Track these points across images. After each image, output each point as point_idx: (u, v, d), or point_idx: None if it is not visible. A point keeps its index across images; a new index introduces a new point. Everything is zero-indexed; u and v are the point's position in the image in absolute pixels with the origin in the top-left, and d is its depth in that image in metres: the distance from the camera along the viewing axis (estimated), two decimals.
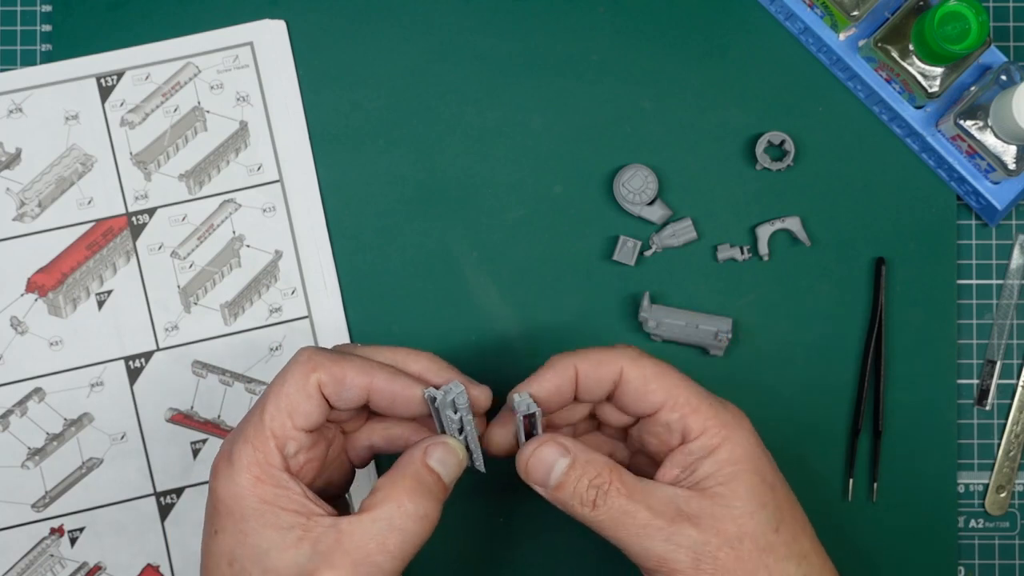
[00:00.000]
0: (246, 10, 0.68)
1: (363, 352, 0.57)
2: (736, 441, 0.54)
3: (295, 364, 0.55)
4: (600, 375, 0.56)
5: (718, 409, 0.55)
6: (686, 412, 0.55)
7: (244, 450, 0.53)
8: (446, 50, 0.68)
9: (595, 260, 0.68)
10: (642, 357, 0.56)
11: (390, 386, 0.55)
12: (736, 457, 0.54)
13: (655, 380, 0.55)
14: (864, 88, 0.67)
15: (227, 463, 0.53)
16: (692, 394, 0.55)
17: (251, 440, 0.53)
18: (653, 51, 0.68)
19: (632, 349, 0.56)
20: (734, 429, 0.55)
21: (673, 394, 0.55)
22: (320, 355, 0.55)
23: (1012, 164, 0.64)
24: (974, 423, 0.69)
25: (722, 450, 0.54)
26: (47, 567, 0.66)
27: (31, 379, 0.66)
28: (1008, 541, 0.69)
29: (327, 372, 0.54)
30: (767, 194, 0.68)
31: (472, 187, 0.68)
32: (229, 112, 0.68)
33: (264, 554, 0.52)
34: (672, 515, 0.53)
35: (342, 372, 0.55)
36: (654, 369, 0.55)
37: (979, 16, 0.61)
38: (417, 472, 0.54)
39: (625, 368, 0.55)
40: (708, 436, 0.54)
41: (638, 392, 0.55)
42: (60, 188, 0.67)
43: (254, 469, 0.53)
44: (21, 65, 0.68)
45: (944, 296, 0.68)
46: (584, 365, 0.56)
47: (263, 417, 0.54)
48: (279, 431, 0.53)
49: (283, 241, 0.67)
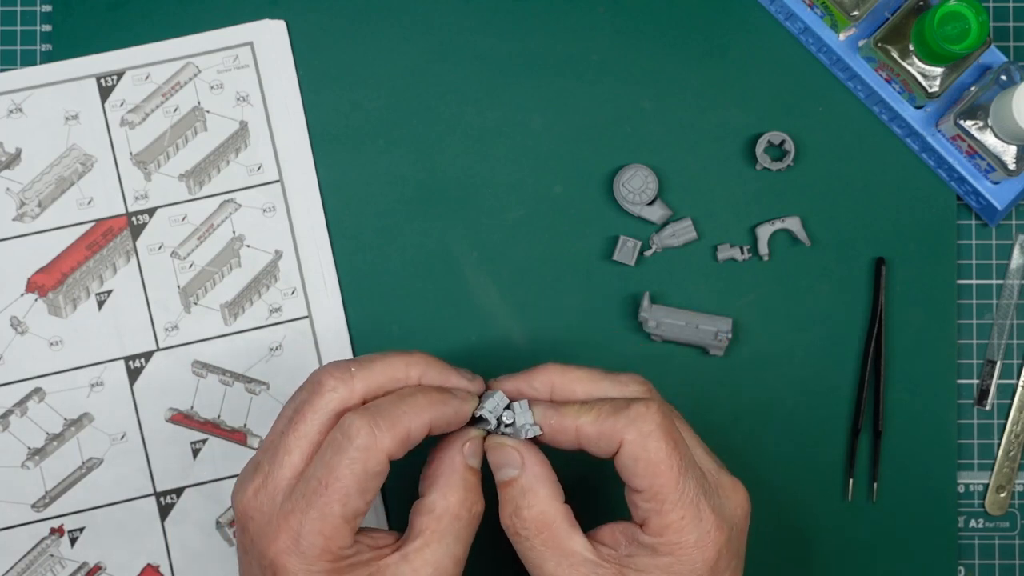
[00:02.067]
0: (246, 10, 0.68)
1: (358, 367, 0.55)
2: (683, 561, 0.53)
3: (359, 440, 0.52)
4: (602, 446, 0.54)
5: (688, 522, 0.53)
6: (655, 510, 0.53)
7: (316, 542, 0.51)
8: (446, 50, 0.68)
9: (595, 260, 0.68)
10: (648, 436, 0.53)
11: (445, 418, 0.54)
12: (672, 573, 0.53)
13: (645, 466, 0.53)
14: (864, 88, 0.67)
15: (299, 556, 0.51)
16: (674, 495, 0.53)
17: (322, 530, 0.51)
18: (653, 51, 0.68)
19: (651, 418, 0.53)
20: (691, 549, 0.53)
21: (653, 488, 0.53)
22: (380, 427, 0.52)
23: (1012, 164, 0.64)
24: (974, 423, 0.69)
25: (663, 560, 0.53)
26: (47, 567, 0.66)
27: (31, 379, 0.66)
28: (1008, 541, 0.69)
29: (393, 439, 0.52)
30: (767, 194, 0.68)
31: (472, 187, 0.68)
32: (229, 112, 0.68)
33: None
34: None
35: (405, 430, 0.53)
36: (652, 454, 0.53)
37: (979, 16, 0.61)
38: (464, 477, 0.55)
39: (626, 442, 0.53)
40: (661, 540, 0.53)
41: (627, 469, 0.54)
42: (60, 188, 0.67)
43: (327, 556, 0.52)
44: (21, 65, 0.68)
45: (944, 296, 0.68)
46: (588, 431, 0.54)
47: (334, 506, 0.51)
48: (351, 515, 0.52)
49: (283, 241, 0.67)
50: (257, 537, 0.53)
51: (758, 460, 0.58)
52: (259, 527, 0.53)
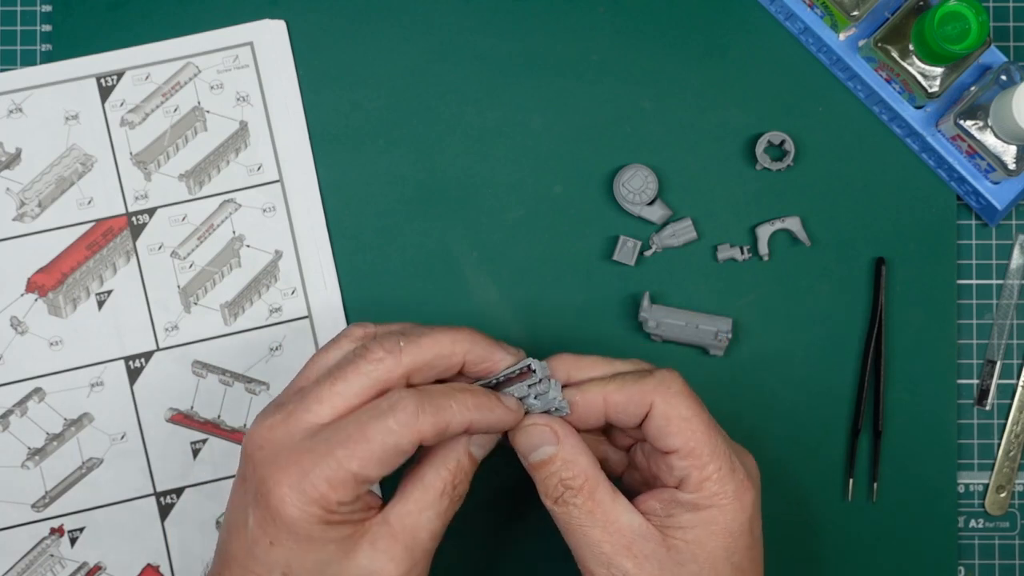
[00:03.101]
0: (246, 10, 0.68)
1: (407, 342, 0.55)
2: (726, 511, 0.54)
3: (401, 411, 0.52)
4: (631, 411, 0.55)
5: (726, 473, 0.54)
6: (693, 464, 0.54)
7: (319, 487, 0.52)
8: (446, 50, 0.68)
9: (595, 260, 0.68)
10: (676, 395, 0.55)
11: (487, 422, 0.55)
12: (716, 527, 0.54)
13: (678, 424, 0.55)
14: (864, 88, 0.67)
15: (298, 492, 0.52)
16: (708, 448, 0.54)
17: (330, 479, 0.52)
18: (653, 51, 0.68)
19: (675, 381, 0.55)
20: (731, 499, 0.54)
21: (689, 444, 0.54)
22: (425, 411, 0.53)
23: (1012, 164, 0.64)
24: (974, 423, 0.69)
25: (706, 513, 0.54)
26: (47, 567, 0.66)
27: (31, 379, 0.66)
28: (1008, 541, 0.69)
29: (432, 427, 0.53)
30: (767, 194, 0.68)
31: (472, 187, 0.68)
32: (229, 112, 0.68)
33: (325, 565, 0.53)
34: (622, 545, 0.53)
35: (445, 423, 0.53)
36: (683, 411, 0.55)
37: (979, 16, 0.61)
38: (459, 460, 0.55)
39: (655, 404, 0.55)
40: (701, 495, 0.54)
41: (659, 430, 0.55)
42: (60, 188, 0.67)
43: (323, 503, 0.52)
44: (21, 65, 0.68)
45: (944, 296, 0.68)
46: (616, 399, 0.56)
47: (352, 462, 0.52)
48: (362, 476, 0.52)
49: (283, 241, 0.67)
50: (262, 465, 0.53)
51: (758, 460, 0.58)
52: (268, 456, 0.53)
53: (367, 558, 0.53)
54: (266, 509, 0.53)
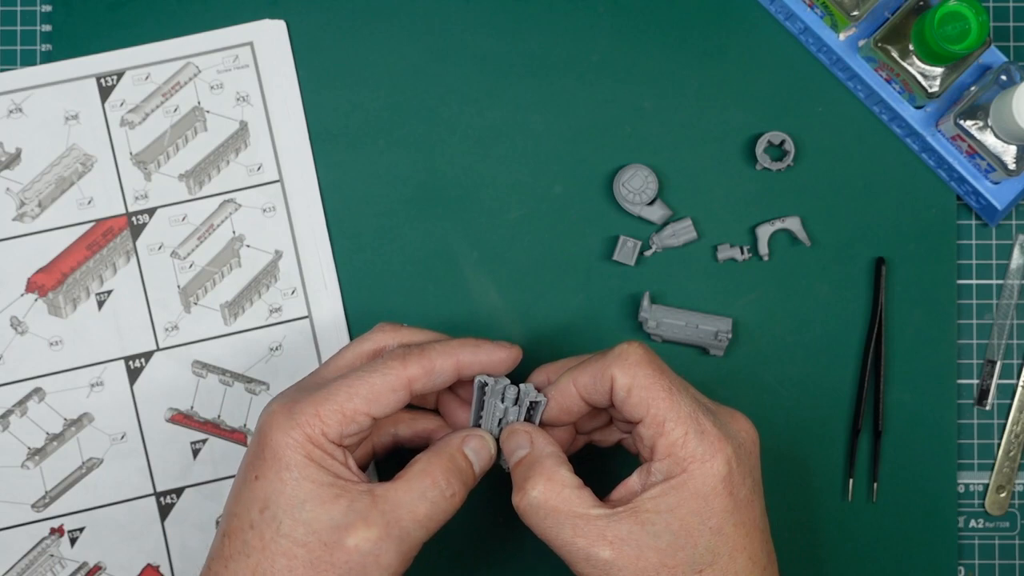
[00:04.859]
0: (246, 10, 0.68)
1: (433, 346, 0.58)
2: (694, 475, 0.54)
3: (391, 359, 0.56)
4: (598, 388, 0.56)
5: (692, 436, 0.54)
6: (658, 432, 0.54)
7: (307, 412, 0.55)
8: (446, 50, 0.68)
9: (595, 260, 0.68)
10: (635, 365, 0.55)
11: (478, 360, 0.57)
12: (685, 492, 0.53)
13: (638, 393, 0.55)
14: (864, 88, 0.67)
15: (287, 415, 0.55)
16: (672, 414, 0.54)
17: (318, 407, 0.55)
18: (653, 51, 0.68)
19: (633, 351, 0.56)
20: (699, 462, 0.54)
21: (651, 411, 0.55)
22: (412, 352, 0.56)
23: (1012, 164, 0.64)
24: (974, 423, 0.69)
25: (676, 480, 0.54)
26: (47, 567, 0.66)
27: (31, 379, 0.66)
28: (1008, 541, 0.69)
29: (419, 366, 0.56)
30: (767, 194, 0.68)
31: (472, 187, 0.68)
32: (229, 112, 0.68)
33: (300, 505, 0.54)
34: (596, 536, 0.54)
35: (431, 363, 0.56)
36: (642, 380, 0.55)
37: (979, 16, 0.61)
38: (453, 456, 0.57)
39: (616, 377, 0.55)
40: (671, 461, 0.54)
41: (622, 403, 0.55)
42: (60, 188, 0.67)
43: (309, 430, 0.54)
44: (21, 65, 0.68)
45: (944, 296, 0.68)
46: (583, 379, 0.57)
47: (339, 395, 0.55)
48: (350, 412, 0.55)
49: (283, 241, 0.67)
50: (266, 411, 0.56)
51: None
52: (273, 403, 0.56)
53: (342, 513, 0.54)
54: (256, 446, 0.55)
